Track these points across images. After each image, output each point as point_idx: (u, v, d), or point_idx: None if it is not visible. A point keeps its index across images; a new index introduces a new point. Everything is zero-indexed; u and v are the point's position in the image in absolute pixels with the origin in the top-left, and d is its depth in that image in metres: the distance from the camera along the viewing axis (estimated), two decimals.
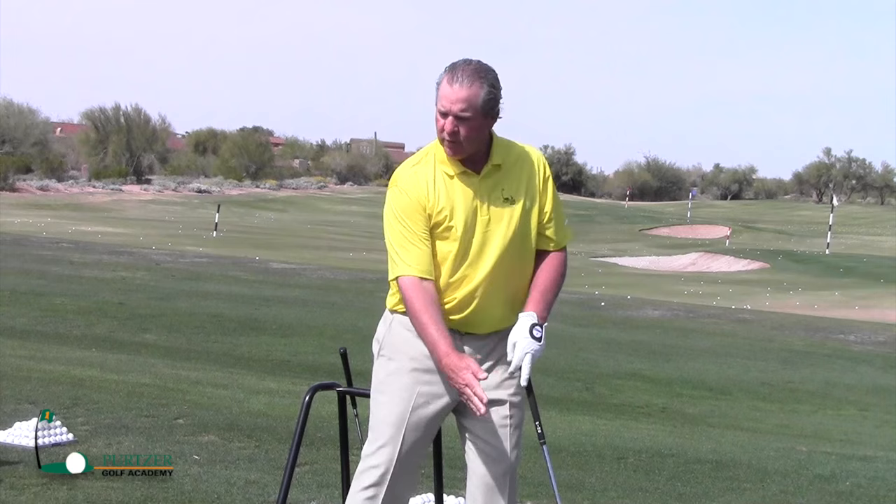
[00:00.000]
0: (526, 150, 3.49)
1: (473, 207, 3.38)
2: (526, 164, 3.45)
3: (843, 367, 15.73)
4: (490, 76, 3.32)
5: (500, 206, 3.39)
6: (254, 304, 16.31)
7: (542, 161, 3.49)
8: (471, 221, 3.37)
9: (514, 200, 3.40)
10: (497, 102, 3.34)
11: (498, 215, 3.39)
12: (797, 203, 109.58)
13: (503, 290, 3.41)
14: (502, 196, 3.40)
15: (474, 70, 3.30)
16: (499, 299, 3.41)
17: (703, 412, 11.26)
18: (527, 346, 3.27)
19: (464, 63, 3.33)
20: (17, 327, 12.07)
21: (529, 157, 3.47)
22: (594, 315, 20.04)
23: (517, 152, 3.46)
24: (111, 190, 61.43)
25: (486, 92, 3.29)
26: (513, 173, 3.42)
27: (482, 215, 3.38)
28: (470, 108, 3.27)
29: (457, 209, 3.37)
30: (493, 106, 3.32)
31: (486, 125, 3.35)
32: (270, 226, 49.96)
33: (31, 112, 70.81)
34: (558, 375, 12.34)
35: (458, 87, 3.27)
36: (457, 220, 3.36)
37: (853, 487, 6.94)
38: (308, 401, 3.65)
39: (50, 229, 33.90)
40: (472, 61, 3.34)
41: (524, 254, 3.44)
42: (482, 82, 3.29)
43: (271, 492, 4.96)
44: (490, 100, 3.30)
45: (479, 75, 3.29)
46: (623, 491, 6.14)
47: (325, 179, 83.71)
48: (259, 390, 8.67)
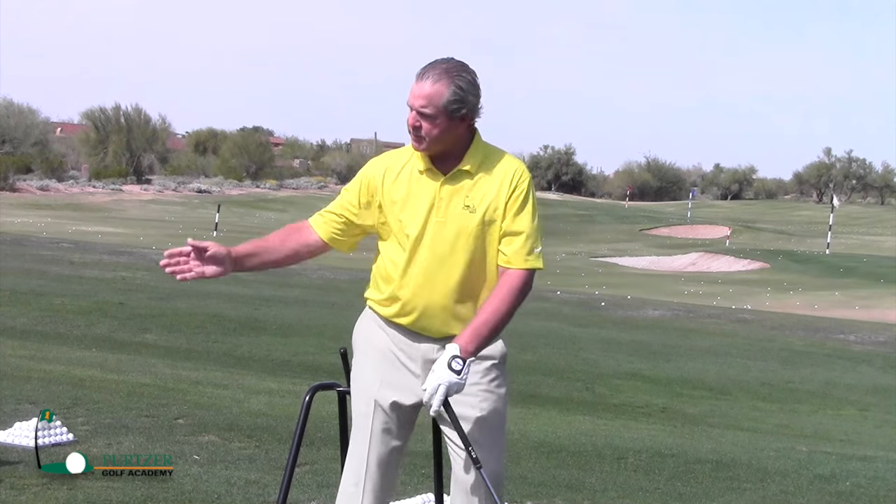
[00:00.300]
0: (506, 160, 3.32)
1: (429, 207, 3.28)
2: (498, 176, 3.28)
3: (843, 367, 15.73)
4: (461, 78, 3.22)
5: (458, 213, 3.27)
6: (254, 304, 16.31)
7: (519, 176, 3.29)
8: (422, 220, 3.28)
9: (474, 210, 3.26)
10: (465, 105, 3.22)
11: (454, 221, 3.27)
12: (797, 203, 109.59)
13: (450, 299, 3.29)
14: (463, 202, 3.27)
15: (445, 69, 3.22)
16: (446, 307, 3.30)
17: (703, 412, 11.26)
18: (440, 378, 3.10)
19: (441, 61, 3.26)
20: (17, 327, 12.07)
21: (505, 168, 3.29)
22: (594, 315, 20.03)
23: (494, 161, 3.31)
24: (111, 190, 61.42)
25: (450, 92, 3.19)
26: (482, 182, 3.28)
27: (437, 217, 3.28)
28: (430, 106, 3.20)
29: (411, 203, 3.30)
30: (458, 108, 3.20)
31: (453, 126, 3.23)
32: (271, 226, 49.89)
33: (31, 112, 70.85)
34: (558, 375, 12.35)
35: (423, 83, 3.21)
36: (408, 214, 3.30)
37: (853, 487, 6.93)
38: (308, 401, 3.65)
39: (50, 229, 33.90)
40: (451, 60, 3.27)
41: (477, 266, 3.29)
42: (449, 82, 3.19)
43: (271, 492, 4.96)
44: (455, 101, 3.19)
45: (448, 75, 3.21)
46: (623, 491, 6.14)
47: (325, 179, 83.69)
48: (259, 390, 8.67)
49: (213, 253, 3.32)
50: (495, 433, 3.36)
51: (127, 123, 73.30)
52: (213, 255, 3.33)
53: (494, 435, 3.36)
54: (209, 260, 3.34)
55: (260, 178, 77.14)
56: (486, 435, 3.33)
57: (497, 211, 3.27)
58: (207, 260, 3.34)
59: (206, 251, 3.32)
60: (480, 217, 3.26)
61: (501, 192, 3.27)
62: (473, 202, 3.27)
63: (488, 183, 3.28)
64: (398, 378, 3.39)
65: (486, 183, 3.28)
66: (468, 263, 3.29)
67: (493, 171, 3.29)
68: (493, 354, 3.37)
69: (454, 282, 3.30)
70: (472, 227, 3.26)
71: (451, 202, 3.29)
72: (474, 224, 3.26)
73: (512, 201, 3.27)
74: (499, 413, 3.37)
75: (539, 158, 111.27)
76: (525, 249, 3.27)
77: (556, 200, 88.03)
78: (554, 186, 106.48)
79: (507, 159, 3.33)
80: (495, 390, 3.36)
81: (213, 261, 3.34)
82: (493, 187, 3.27)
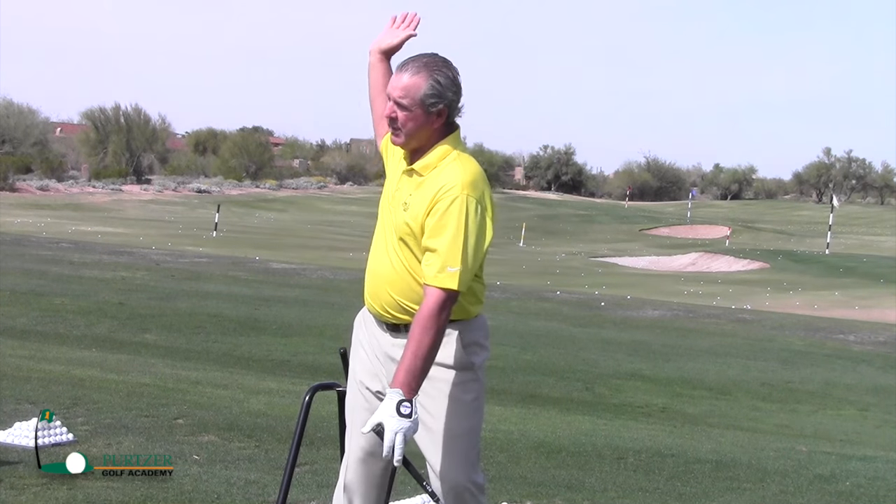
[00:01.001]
0: (450, 172, 3.22)
1: (389, 192, 3.40)
2: (434, 185, 3.21)
3: (843, 367, 15.73)
4: (441, 73, 3.23)
5: (396, 207, 3.31)
6: (254, 304, 16.31)
7: (448, 191, 3.17)
8: (383, 198, 3.42)
9: (406, 209, 3.26)
10: (442, 100, 3.22)
11: (391, 214, 3.34)
12: (797, 203, 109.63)
13: (382, 286, 3.34)
14: (403, 199, 3.29)
15: (425, 63, 3.25)
16: (382, 291, 3.34)
17: (703, 412, 11.27)
18: (395, 426, 3.02)
19: (423, 55, 3.29)
20: (17, 327, 12.07)
21: (444, 175, 3.22)
22: (594, 315, 20.04)
23: (442, 170, 3.24)
24: (111, 190, 61.45)
25: (428, 86, 3.20)
26: (424, 187, 3.25)
27: (389, 204, 3.37)
28: (407, 97, 3.22)
29: (387, 180, 3.46)
30: (435, 101, 3.21)
31: (429, 122, 3.24)
32: (270, 226, 49.97)
33: (31, 112, 70.95)
34: (558, 375, 12.35)
35: (402, 74, 3.25)
36: (384, 190, 3.45)
37: (853, 487, 6.93)
38: (308, 401, 3.65)
39: (50, 229, 33.91)
40: (434, 55, 3.28)
41: (400, 265, 3.29)
42: (427, 76, 3.21)
43: (271, 492, 4.96)
44: (432, 94, 3.21)
45: (428, 68, 3.23)
46: (623, 491, 6.14)
47: (325, 179, 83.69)
48: (259, 390, 8.67)
49: (394, 43, 3.65)
50: (457, 441, 3.29)
51: (127, 123, 73.36)
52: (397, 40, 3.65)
53: (456, 443, 3.29)
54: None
55: (260, 178, 77.16)
56: (447, 443, 3.28)
57: (416, 220, 3.23)
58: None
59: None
60: (406, 219, 3.26)
61: (426, 202, 3.21)
62: (409, 202, 3.27)
63: (427, 190, 3.24)
64: (372, 367, 3.42)
65: (426, 189, 3.24)
66: (392, 259, 3.32)
67: (435, 180, 3.23)
68: (450, 362, 3.30)
69: (388, 272, 3.33)
70: (399, 224, 3.28)
71: (398, 195, 3.34)
72: (400, 222, 3.28)
73: (431, 215, 3.19)
74: (462, 420, 3.30)
75: (539, 158, 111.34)
76: (440, 268, 3.15)
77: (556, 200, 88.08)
78: (554, 186, 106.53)
79: (453, 171, 3.22)
80: (460, 397, 3.31)
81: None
82: (427, 195, 3.22)
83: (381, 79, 3.61)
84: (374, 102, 3.64)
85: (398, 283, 3.30)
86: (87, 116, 75.97)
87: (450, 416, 3.29)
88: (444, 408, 3.29)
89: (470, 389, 3.32)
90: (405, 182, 3.33)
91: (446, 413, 3.29)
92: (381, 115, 3.53)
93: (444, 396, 3.29)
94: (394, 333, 3.35)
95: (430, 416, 3.29)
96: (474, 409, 3.34)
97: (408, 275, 3.28)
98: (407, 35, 3.61)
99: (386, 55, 3.63)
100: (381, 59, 3.63)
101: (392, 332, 3.36)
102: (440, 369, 3.27)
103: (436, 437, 3.29)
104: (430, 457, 3.31)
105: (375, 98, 3.63)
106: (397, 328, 3.34)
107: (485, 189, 3.24)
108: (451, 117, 3.31)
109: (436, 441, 3.29)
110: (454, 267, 3.14)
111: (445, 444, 3.28)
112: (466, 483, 3.30)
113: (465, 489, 3.30)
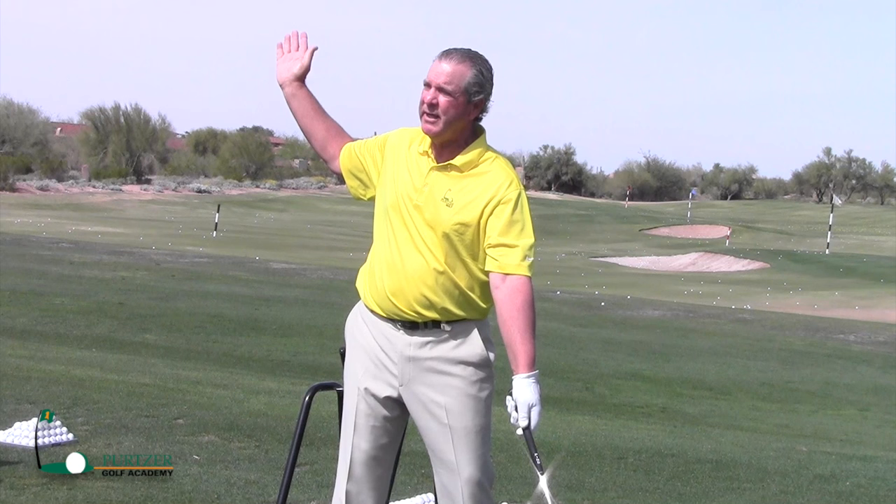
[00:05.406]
0: (498, 166, 3.32)
1: (411, 187, 3.33)
2: (485, 180, 3.28)
3: (843, 367, 15.74)
4: (483, 64, 3.30)
5: (435, 203, 3.29)
6: (254, 304, 16.32)
7: (508, 184, 3.28)
8: (400, 195, 3.33)
9: (451, 204, 3.28)
10: (482, 89, 3.28)
11: (429, 209, 3.29)
12: (797, 203, 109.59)
13: (413, 283, 3.30)
14: (443, 195, 3.29)
15: (468, 53, 3.31)
16: (411, 288, 3.30)
17: (703, 412, 11.27)
18: (539, 402, 3.23)
19: (465, 48, 3.33)
20: (17, 327, 12.08)
21: (495, 175, 3.30)
22: (594, 315, 20.05)
23: (487, 165, 3.32)
24: (111, 190, 61.44)
25: (473, 74, 3.26)
26: (468, 182, 3.29)
27: (415, 199, 3.31)
28: (453, 83, 3.25)
29: (398, 177, 3.36)
30: (477, 91, 3.27)
31: (467, 111, 3.28)
32: (270, 226, 49.97)
33: (31, 112, 70.92)
34: (558, 375, 12.35)
35: (448, 61, 3.27)
36: (390, 184, 3.36)
37: (853, 487, 6.93)
38: (308, 401, 3.65)
39: (50, 229, 33.91)
40: (473, 49, 3.35)
41: (435, 261, 3.29)
42: (472, 64, 3.28)
43: (271, 492, 4.96)
44: (475, 83, 3.26)
45: (470, 57, 3.30)
46: (623, 491, 6.14)
47: (325, 179, 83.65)
48: (259, 390, 8.67)
49: (305, 64, 3.56)
50: (474, 437, 3.34)
51: (127, 123, 73.35)
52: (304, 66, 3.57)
53: (474, 439, 3.35)
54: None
55: (260, 178, 77.15)
56: (466, 440, 3.33)
57: (476, 214, 3.26)
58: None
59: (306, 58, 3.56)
60: (456, 213, 3.27)
61: (484, 196, 3.27)
62: (454, 197, 3.28)
63: (475, 185, 3.29)
64: (378, 376, 3.41)
65: (472, 184, 3.29)
66: (427, 254, 3.29)
67: (483, 175, 3.30)
68: (472, 359, 3.35)
69: (417, 267, 3.30)
70: (444, 219, 3.28)
71: (432, 190, 3.31)
72: (447, 217, 3.27)
73: (493, 208, 3.26)
74: (478, 416, 3.35)
75: (539, 158, 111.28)
76: (513, 256, 3.25)
77: (556, 200, 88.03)
78: (554, 186, 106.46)
79: (501, 165, 3.33)
80: (477, 395, 3.35)
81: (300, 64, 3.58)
82: (479, 190, 3.27)
83: (308, 104, 3.54)
84: (313, 127, 3.55)
85: (435, 279, 3.30)
86: (87, 116, 75.96)
87: (469, 413, 3.34)
88: (463, 405, 3.33)
89: (486, 387, 3.39)
90: (437, 178, 3.31)
91: (465, 410, 3.34)
92: (325, 136, 3.53)
93: (463, 395, 3.33)
94: (410, 332, 3.35)
95: (449, 413, 3.33)
96: (488, 406, 3.41)
97: (448, 270, 3.30)
98: (312, 50, 3.56)
99: (301, 80, 3.55)
100: (299, 86, 3.54)
101: (409, 330, 3.36)
102: (461, 367, 3.33)
103: (455, 434, 3.33)
104: (445, 453, 3.33)
105: (312, 123, 3.54)
106: (416, 326, 3.34)
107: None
108: (485, 111, 3.35)
109: (456, 438, 3.33)
110: (531, 257, 3.28)
111: (464, 441, 3.33)
112: (482, 478, 3.35)
113: (479, 484, 3.34)
